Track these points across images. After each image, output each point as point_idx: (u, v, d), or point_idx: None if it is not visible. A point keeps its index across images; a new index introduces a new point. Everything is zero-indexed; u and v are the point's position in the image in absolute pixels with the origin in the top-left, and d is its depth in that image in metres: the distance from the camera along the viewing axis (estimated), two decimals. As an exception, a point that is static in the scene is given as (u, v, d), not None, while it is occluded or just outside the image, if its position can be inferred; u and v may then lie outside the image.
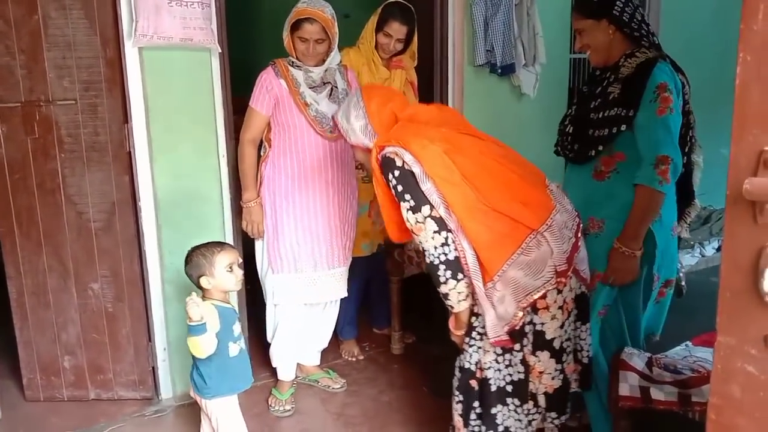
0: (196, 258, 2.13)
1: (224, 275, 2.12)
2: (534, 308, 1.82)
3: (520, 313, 1.81)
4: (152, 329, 2.80)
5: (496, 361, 1.88)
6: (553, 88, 4.07)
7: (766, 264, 0.70)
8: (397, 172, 1.81)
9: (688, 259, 3.36)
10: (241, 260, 2.22)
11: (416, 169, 1.79)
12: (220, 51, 2.67)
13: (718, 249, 3.50)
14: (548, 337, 1.85)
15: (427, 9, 3.33)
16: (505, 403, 1.90)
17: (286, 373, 2.84)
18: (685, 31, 4.57)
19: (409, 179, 1.80)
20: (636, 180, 1.95)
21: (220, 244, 2.19)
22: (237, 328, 2.18)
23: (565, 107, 3.99)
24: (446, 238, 1.79)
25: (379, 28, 2.94)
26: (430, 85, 3.44)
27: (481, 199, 1.78)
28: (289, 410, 2.77)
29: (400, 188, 1.81)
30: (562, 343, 1.88)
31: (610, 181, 2.06)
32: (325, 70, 2.62)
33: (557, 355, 1.87)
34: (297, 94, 2.57)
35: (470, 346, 1.91)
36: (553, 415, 1.92)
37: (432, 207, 1.78)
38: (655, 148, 1.91)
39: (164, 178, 2.70)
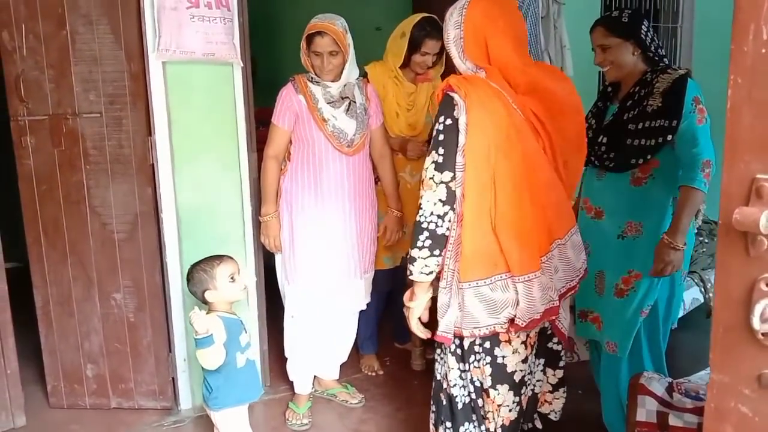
0: (197, 274, 2.16)
1: (227, 286, 2.14)
2: (497, 341, 1.79)
3: (486, 330, 1.77)
4: (173, 340, 2.82)
5: (460, 377, 1.86)
6: (582, 99, 4.00)
7: (759, 299, 0.66)
8: (448, 121, 1.69)
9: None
10: (241, 269, 2.26)
11: (462, 139, 1.67)
12: (242, 65, 2.69)
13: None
14: (509, 370, 1.82)
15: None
16: (471, 420, 1.88)
17: (302, 386, 2.84)
18: (719, 43, 4.44)
19: (452, 135, 1.68)
20: (685, 182, 2.10)
21: (219, 257, 2.21)
22: (244, 339, 2.19)
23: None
24: (446, 214, 1.70)
25: (416, 48, 2.88)
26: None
27: (490, 214, 1.70)
28: (306, 424, 2.76)
29: (441, 138, 1.69)
30: (523, 376, 1.85)
31: (647, 186, 2.20)
32: (344, 86, 2.63)
33: (516, 388, 1.84)
34: (315, 110, 2.58)
35: (441, 357, 1.90)
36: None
37: (453, 178, 1.69)
38: (700, 154, 2.07)
39: (186, 191, 2.74)
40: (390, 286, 3.18)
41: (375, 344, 3.27)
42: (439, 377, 1.90)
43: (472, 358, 1.82)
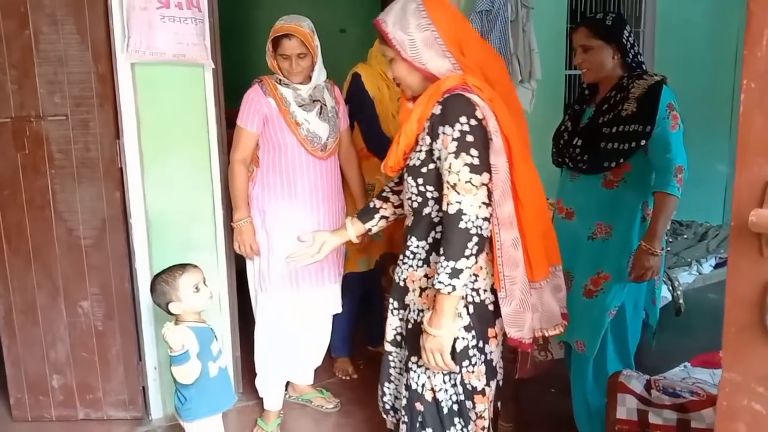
0: (159, 286, 2.09)
1: (191, 297, 2.07)
2: (487, 338, 1.76)
3: (529, 340, 1.73)
4: (142, 348, 2.75)
5: (444, 381, 1.77)
6: (549, 103, 4.07)
7: (772, 299, 0.67)
8: (473, 122, 1.58)
9: (686, 277, 3.33)
10: (206, 278, 2.18)
11: (496, 141, 1.60)
12: (214, 67, 2.64)
13: (716, 266, 3.48)
14: (494, 364, 1.81)
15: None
16: (454, 424, 1.80)
17: (273, 402, 2.75)
18: (680, 49, 4.58)
19: (482, 138, 1.59)
20: (659, 188, 2.13)
21: (182, 267, 2.13)
22: (215, 347, 2.15)
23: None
24: (490, 215, 1.61)
25: None
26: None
27: (516, 215, 1.66)
28: (275, 443, 2.71)
29: (470, 138, 1.58)
30: (499, 368, 1.86)
31: (618, 190, 2.23)
32: (314, 88, 2.58)
33: (497, 378, 1.85)
34: (288, 114, 2.52)
35: (419, 366, 1.77)
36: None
37: (491, 179, 1.60)
38: (673, 160, 2.11)
39: (156, 195, 2.67)
40: (364, 288, 3.17)
41: (349, 347, 3.25)
42: (414, 386, 1.79)
43: (466, 362, 1.74)
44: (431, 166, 1.68)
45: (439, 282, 1.59)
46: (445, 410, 1.79)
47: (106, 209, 2.65)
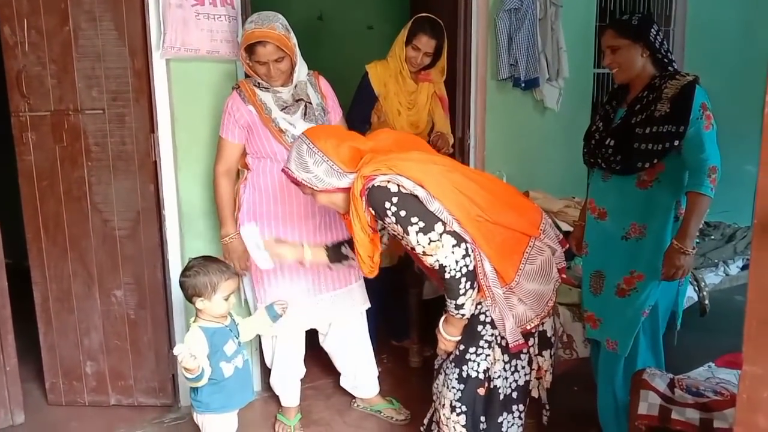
0: (199, 277, 2.02)
1: (220, 303, 2.04)
2: None
3: (537, 320, 1.92)
4: (173, 337, 2.82)
5: (504, 369, 1.95)
6: (577, 102, 4.06)
7: (794, 294, 0.69)
8: (395, 199, 1.79)
9: (712, 278, 3.31)
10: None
11: (420, 192, 1.79)
12: (246, 63, 2.69)
13: (743, 268, 3.44)
14: (549, 335, 1.99)
15: (450, 23, 3.35)
16: (510, 411, 1.98)
17: (290, 399, 2.74)
18: (711, 48, 4.54)
19: (411, 202, 1.79)
20: (692, 188, 2.14)
21: (228, 269, 2.09)
22: (230, 347, 2.09)
23: (588, 121, 3.98)
24: (467, 249, 1.81)
25: (408, 41, 2.95)
26: (452, 99, 3.44)
27: (480, 213, 1.84)
28: (299, 437, 2.72)
29: (403, 213, 1.79)
30: (554, 338, 2.02)
31: (652, 189, 2.23)
32: (295, 86, 2.46)
33: (553, 350, 2.01)
34: (269, 122, 2.39)
35: (477, 355, 1.94)
36: (547, 407, 2.09)
37: (444, 224, 1.80)
38: (707, 160, 2.11)
39: (188, 188, 2.74)
40: (387, 284, 3.20)
41: (372, 342, 3.28)
42: (474, 374, 1.94)
43: (531, 340, 1.95)
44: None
45: (450, 311, 1.88)
46: (501, 397, 1.96)
47: (141, 201, 2.72)
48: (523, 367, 1.97)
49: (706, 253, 3.53)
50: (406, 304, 3.29)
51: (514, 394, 1.98)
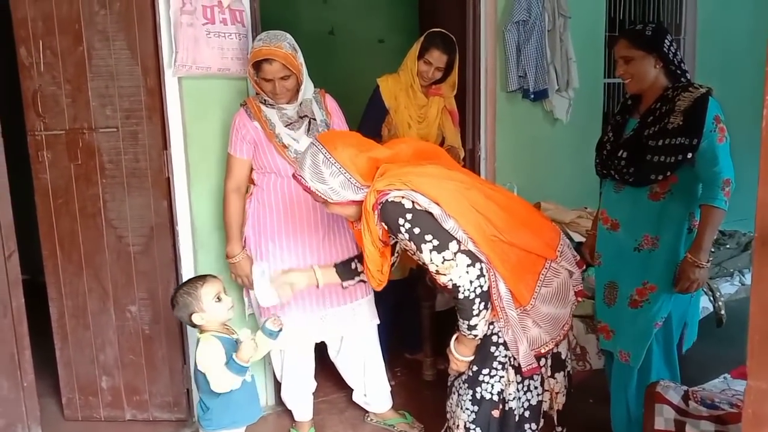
0: (181, 298, 2.07)
1: (213, 307, 2.06)
2: None
3: (552, 344, 1.89)
4: (187, 352, 2.84)
5: (517, 390, 1.93)
6: (587, 112, 4.06)
7: (797, 309, 0.69)
8: (409, 215, 1.76)
9: (728, 288, 3.28)
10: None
11: (434, 210, 1.76)
12: (256, 80, 2.72)
13: (759, 277, 3.41)
14: (563, 357, 1.97)
15: (459, 35, 3.36)
16: (523, 430, 1.96)
17: (302, 413, 2.76)
18: (722, 57, 4.52)
19: (426, 219, 1.76)
20: (706, 201, 2.14)
21: (201, 278, 2.13)
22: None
23: (599, 132, 3.97)
24: (481, 269, 1.77)
25: (420, 55, 2.97)
26: (462, 111, 3.45)
27: (496, 233, 1.81)
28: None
29: (417, 230, 1.76)
30: (568, 359, 2.00)
31: (665, 201, 2.23)
32: (300, 104, 2.48)
33: (567, 372, 1.99)
34: (273, 137, 2.43)
35: (491, 376, 1.92)
36: (559, 429, 2.06)
37: (459, 243, 1.77)
38: (720, 173, 2.11)
39: (201, 203, 2.77)
40: (399, 296, 3.20)
41: (385, 354, 3.27)
42: (488, 396, 1.91)
43: (543, 361, 1.94)
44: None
45: (462, 331, 1.86)
46: (516, 418, 1.95)
47: (154, 217, 2.75)
48: (535, 387, 1.95)
49: (722, 262, 3.51)
50: (418, 317, 3.29)
51: (527, 414, 1.96)
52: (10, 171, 2.62)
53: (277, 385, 2.86)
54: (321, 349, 2.77)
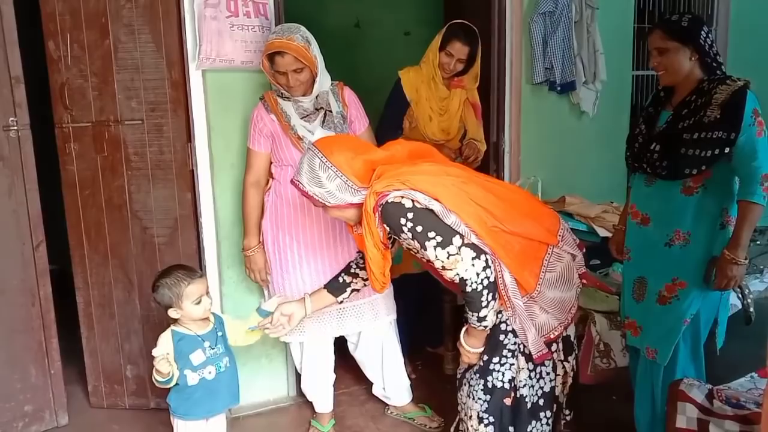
0: (162, 290, 2.04)
1: (191, 307, 2.04)
2: None
3: (560, 328, 1.92)
4: (210, 342, 2.87)
5: (530, 377, 1.95)
6: (615, 105, 3.99)
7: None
8: (410, 214, 1.78)
9: (756, 285, 3.20)
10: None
11: (435, 206, 1.78)
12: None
13: (790, 274, 3.33)
14: (572, 339, 2.01)
15: (484, 27, 3.33)
16: (538, 418, 1.97)
17: (323, 404, 2.78)
18: (755, 48, 4.40)
19: (427, 217, 1.79)
20: (744, 197, 2.09)
21: (189, 274, 2.07)
22: (197, 357, 2.08)
23: (627, 125, 3.91)
24: (486, 261, 1.80)
25: (441, 47, 2.95)
26: (486, 104, 3.42)
27: (496, 223, 1.83)
28: (334, 443, 2.73)
29: (419, 228, 1.78)
30: (576, 341, 2.04)
31: (698, 196, 2.18)
32: (316, 96, 2.48)
33: (576, 355, 2.02)
34: (288, 129, 2.44)
35: (501, 364, 1.93)
36: (567, 411, 2.07)
37: (462, 237, 1.79)
38: (760, 168, 2.06)
39: (224, 196, 2.79)
40: (420, 290, 3.19)
41: (406, 348, 3.28)
42: (499, 384, 1.93)
43: (554, 346, 1.96)
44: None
45: (472, 323, 1.88)
46: (529, 405, 1.96)
47: (178, 209, 2.78)
48: (548, 374, 1.97)
49: (752, 259, 3.43)
50: (440, 311, 3.28)
51: (541, 401, 1.97)
52: (38, 162, 2.69)
53: (298, 377, 2.88)
54: (341, 342, 2.78)
